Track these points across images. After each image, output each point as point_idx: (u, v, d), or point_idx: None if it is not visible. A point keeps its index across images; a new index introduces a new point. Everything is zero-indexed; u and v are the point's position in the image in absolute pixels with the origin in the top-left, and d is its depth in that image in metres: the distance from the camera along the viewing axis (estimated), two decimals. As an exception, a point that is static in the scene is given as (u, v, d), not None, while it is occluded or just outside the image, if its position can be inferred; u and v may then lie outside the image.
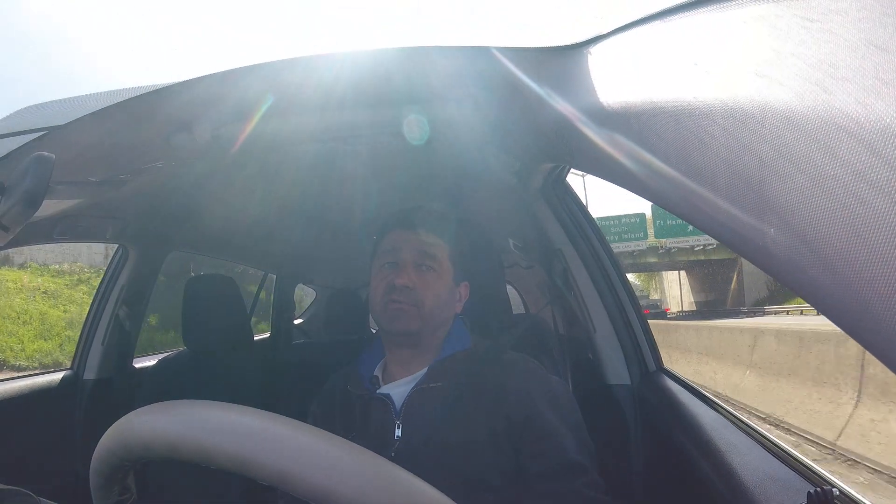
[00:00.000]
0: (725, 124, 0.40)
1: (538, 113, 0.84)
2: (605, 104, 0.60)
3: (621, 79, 0.62)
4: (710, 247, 30.57)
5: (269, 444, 0.45)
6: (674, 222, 27.01)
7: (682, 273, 37.46)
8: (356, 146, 1.31)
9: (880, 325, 0.29)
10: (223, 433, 0.47)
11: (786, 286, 0.37)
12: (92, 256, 18.30)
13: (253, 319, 2.78)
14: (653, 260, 32.56)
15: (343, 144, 1.28)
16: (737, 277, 31.86)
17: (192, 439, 0.47)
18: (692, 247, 31.11)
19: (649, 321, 1.63)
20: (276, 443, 0.46)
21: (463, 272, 1.21)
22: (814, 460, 0.87)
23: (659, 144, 0.48)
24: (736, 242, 0.41)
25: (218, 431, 0.47)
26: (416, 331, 1.12)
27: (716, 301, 34.10)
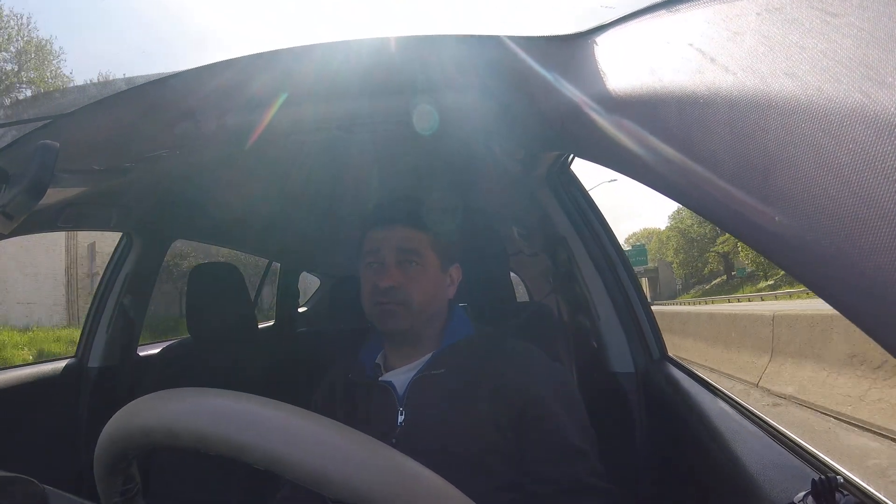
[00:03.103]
0: (731, 112, 0.40)
1: (544, 101, 0.83)
2: (610, 93, 0.60)
3: (627, 68, 0.61)
4: (640, 271, 46.64)
5: (268, 430, 0.46)
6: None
7: (645, 279, 56.14)
8: (362, 135, 1.31)
9: (884, 313, 0.29)
10: (221, 419, 0.47)
11: (788, 272, 0.37)
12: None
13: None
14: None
15: (349, 133, 1.27)
16: (659, 285, 55.64)
17: (191, 426, 0.47)
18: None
19: None
20: (274, 428, 0.46)
21: (450, 256, 1.20)
22: (819, 449, 0.87)
23: (664, 132, 0.48)
24: (742, 229, 0.40)
25: (216, 418, 0.47)
26: (408, 328, 1.12)
27: (657, 296, 54.39)
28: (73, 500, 0.59)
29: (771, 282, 35.30)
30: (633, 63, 0.60)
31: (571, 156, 1.50)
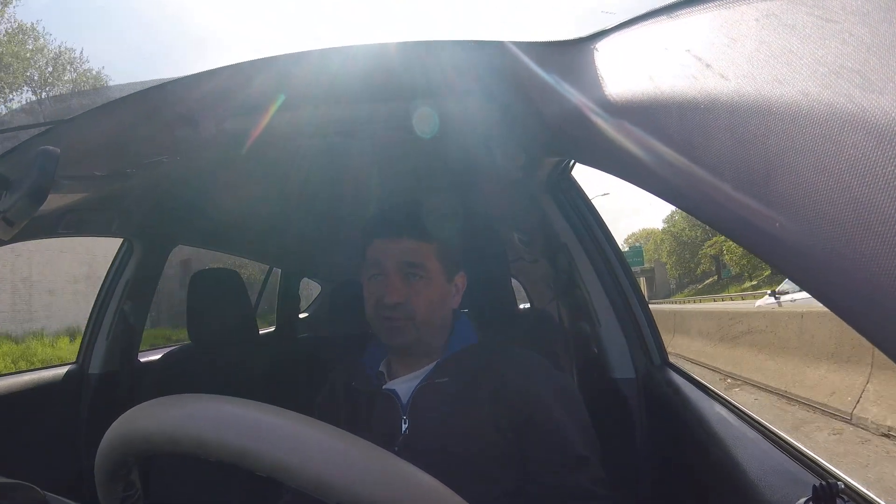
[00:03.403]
0: (732, 118, 0.40)
1: (544, 107, 0.84)
2: (611, 98, 0.60)
3: (627, 73, 0.61)
4: (636, 271, 47.49)
5: (269, 436, 0.45)
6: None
7: (642, 279, 57.80)
8: (363, 140, 1.31)
9: (883, 318, 0.29)
10: (222, 425, 0.47)
11: (789, 277, 0.37)
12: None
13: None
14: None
15: (349, 138, 1.27)
16: (655, 285, 57.36)
17: (192, 432, 0.47)
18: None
19: None
20: (276, 434, 0.45)
21: (455, 263, 1.17)
22: (820, 455, 0.86)
23: (665, 138, 0.48)
24: (743, 233, 0.40)
25: (216, 424, 0.47)
26: (414, 341, 1.10)
27: (653, 296, 55.90)
28: None
29: (754, 282, 37.49)
30: (634, 69, 0.60)
31: (572, 161, 1.50)
